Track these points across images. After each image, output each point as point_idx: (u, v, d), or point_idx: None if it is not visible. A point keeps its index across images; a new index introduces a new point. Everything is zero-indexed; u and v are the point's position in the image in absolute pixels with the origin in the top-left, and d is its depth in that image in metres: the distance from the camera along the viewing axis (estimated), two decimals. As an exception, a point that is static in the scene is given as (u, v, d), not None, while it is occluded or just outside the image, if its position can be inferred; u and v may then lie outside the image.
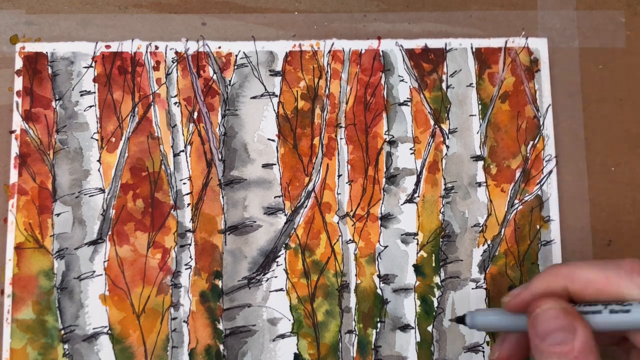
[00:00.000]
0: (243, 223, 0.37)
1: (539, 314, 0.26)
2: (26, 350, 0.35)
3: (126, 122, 0.38)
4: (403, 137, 0.39)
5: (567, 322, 0.26)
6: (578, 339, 0.25)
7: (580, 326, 0.25)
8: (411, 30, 0.40)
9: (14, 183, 0.37)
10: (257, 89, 0.39)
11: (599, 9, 0.41)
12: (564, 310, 0.26)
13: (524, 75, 0.39)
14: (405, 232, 0.38)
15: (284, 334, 0.37)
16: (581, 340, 0.25)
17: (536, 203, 0.38)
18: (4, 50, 0.38)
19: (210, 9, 0.39)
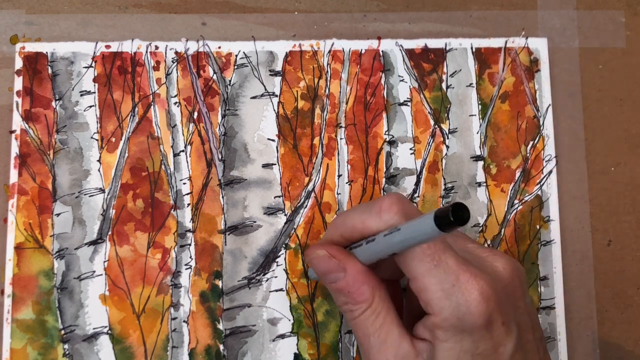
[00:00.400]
0: (243, 223, 0.38)
1: (311, 261, 0.31)
2: (26, 350, 0.35)
3: (126, 122, 0.38)
4: (403, 137, 0.39)
5: (332, 264, 0.30)
6: (348, 275, 0.30)
7: (349, 264, 0.30)
8: (411, 30, 0.40)
9: (14, 183, 0.37)
10: (257, 89, 0.39)
11: (599, 9, 0.41)
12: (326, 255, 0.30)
13: (524, 75, 0.39)
14: (405, 232, 0.38)
15: (284, 334, 0.37)
16: (350, 275, 0.30)
17: (536, 203, 0.38)
18: (4, 50, 0.38)
19: (210, 9, 0.39)
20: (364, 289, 0.29)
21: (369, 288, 0.29)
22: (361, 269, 0.30)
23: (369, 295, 0.29)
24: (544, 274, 0.38)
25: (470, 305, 0.27)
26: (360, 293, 0.29)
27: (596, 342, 0.38)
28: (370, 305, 0.29)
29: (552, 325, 0.37)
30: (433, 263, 0.27)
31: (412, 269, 0.28)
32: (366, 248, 0.29)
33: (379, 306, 0.29)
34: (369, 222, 0.29)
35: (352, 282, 0.29)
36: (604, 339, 0.38)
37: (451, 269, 0.27)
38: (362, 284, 0.29)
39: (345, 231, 0.30)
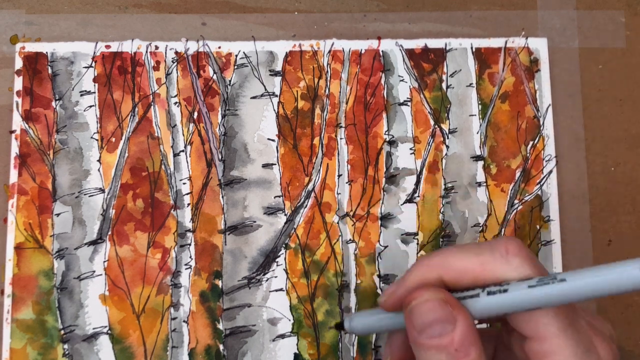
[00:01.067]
0: (243, 223, 0.37)
1: (414, 307, 0.24)
2: (26, 350, 0.35)
3: (126, 122, 0.38)
4: (403, 137, 0.39)
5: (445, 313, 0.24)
6: (458, 329, 0.23)
7: (460, 315, 0.24)
8: (411, 30, 0.40)
9: (14, 183, 0.37)
10: (257, 89, 0.39)
11: (599, 9, 0.41)
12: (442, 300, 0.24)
13: (524, 75, 0.39)
14: (405, 232, 0.38)
15: (284, 334, 0.37)
16: (461, 330, 0.23)
17: (536, 203, 0.38)
18: (4, 50, 0.38)
19: (210, 9, 0.39)
20: (472, 351, 0.23)
21: (477, 350, 0.23)
22: (472, 325, 0.24)
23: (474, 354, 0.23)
24: (544, 274, 0.38)
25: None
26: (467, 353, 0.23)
27: (596, 342, 0.38)
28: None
29: (552, 325, 0.37)
30: (567, 321, 0.23)
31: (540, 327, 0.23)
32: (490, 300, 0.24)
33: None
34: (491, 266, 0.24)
35: (461, 340, 0.23)
36: (604, 339, 0.38)
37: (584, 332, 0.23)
38: (471, 344, 0.23)
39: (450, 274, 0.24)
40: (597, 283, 0.22)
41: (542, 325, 0.23)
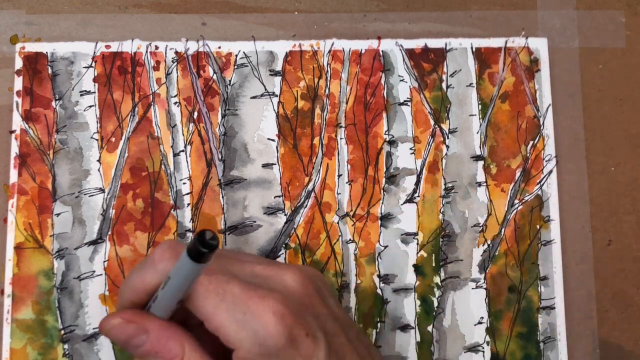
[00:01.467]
0: (243, 223, 0.37)
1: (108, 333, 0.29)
2: (26, 350, 0.35)
3: (126, 122, 0.38)
4: (403, 137, 0.39)
5: (132, 329, 0.28)
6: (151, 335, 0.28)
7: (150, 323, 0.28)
8: (411, 30, 0.40)
9: (13, 183, 0.37)
10: (257, 89, 0.39)
11: (599, 9, 0.41)
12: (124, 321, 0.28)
13: (524, 75, 0.39)
14: (405, 232, 0.38)
15: (284, 334, 0.37)
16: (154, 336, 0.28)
17: (536, 203, 0.38)
18: (4, 50, 0.38)
19: (210, 9, 0.39)
20: (171, 345, 0.28)
21: (177, 342, 0.28)
22: (164, 325, 0.28)
23: (178, 349, 0.28)
24: (544, 274, 0.38)
25: (267, 328, 0.26)
26: (167, 350, 0.28)
27: (596, 342, 0.38)
28: (182, 356, 0.28)
29: (552, 325, 0.37)
30: (218, 298, 0.27)
31: (200, 310, 0.27)
32: (156, 305, 0.28)
33: (191, 356, 0.28)
34: (147, 277, 0.28)
35: (157, 342, 0.28)
36: (604, 339, 0.38)
37: (238, 298, 0.27)
38: (167, 340, 0.28)
39: (132, 294, 0.29)
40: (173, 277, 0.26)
41: (201, 309, 0.27)
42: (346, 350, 0.29)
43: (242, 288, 0.27)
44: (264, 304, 0.27)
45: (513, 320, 0.37)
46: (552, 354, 0.37)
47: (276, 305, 0.27)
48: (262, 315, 0.27)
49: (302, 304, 0.28)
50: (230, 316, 0.27)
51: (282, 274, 0.29)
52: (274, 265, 0.30)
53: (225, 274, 0.28)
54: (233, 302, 0.27)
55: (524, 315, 0.37)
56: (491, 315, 0.37)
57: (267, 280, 0.29)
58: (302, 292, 0.29)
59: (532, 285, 0.38)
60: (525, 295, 0.38)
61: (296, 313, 0.27)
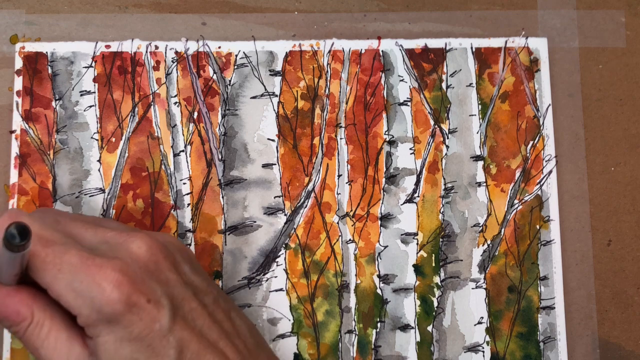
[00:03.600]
0: (243, 223, 0.38)
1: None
2: (26, 350, 0.35)
3: (126, 122, 0.38)
4: (403, 137, 0.39)
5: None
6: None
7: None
8: (411, 30, 0.40)
9: (14, 183, 0.37)
10: (257, 89, 0.39)
11: (599, 8, 0.41)
12: None
13: (524, 75, 0.39)
14: (405, 232, 0.38)
15: (284, 334, 0.37)
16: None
17: (536, 203, 0.38)
18: (4, 50, 0.38)
19: (210, 9, 0.39)
20: (18, 309, 0.28)
21: (24, 305, 0.28)
22: (8, 291, 0.29)
23: (26, 312, 0.28)
24: (544, 274, 0.38)
25: (103, 295, 0.27)
26: (15, 314, 0.28)
27: (596, 342, 0.38)
28: (31, 321, 0.28)
29: (552, 325, 0.37)
30: (56, 268, 0.27)
31: (40, 280, 0.28)
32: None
33: (40, 318, 0.28)
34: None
35: (3, 307, 0.28)
36: (604, 339, 0.38)
37: (76, 267, 0.27)
38: (15, 305, 0.28)
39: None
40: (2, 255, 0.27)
41: (41, 279, 0.28)
42: (196, 314, 0.29)
43: (80, 258, 0.28)
44: (101, 272, 0.27)
45: (513, 320, 0.37)
46: (552, 354, 0.37)
47: (113, 273, 0.27)
48: (98, 283, 0.27)
49: (146, 271, 0.29)
50: (67, 285, 0.27)
51: (130, 241, 0.29)
52: (125, 232, 0.30)
53: (65, 244, 0.28)
54: (70, 272, 0.27)
55: (524, 315, 0.37)
56: (491, 315, 0.37)
57: (114, 247, 0.29)
58: (147, 259, 0.29)
59: (532, 285, 0.38)
60: (525, 295, 0.38)
61: (137, 280, 0.28)
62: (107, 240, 0.30)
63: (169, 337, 0.28)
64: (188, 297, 0.30)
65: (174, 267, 0.30)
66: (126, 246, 0.29)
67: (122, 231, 0.30)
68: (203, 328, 0.29)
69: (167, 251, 0.30)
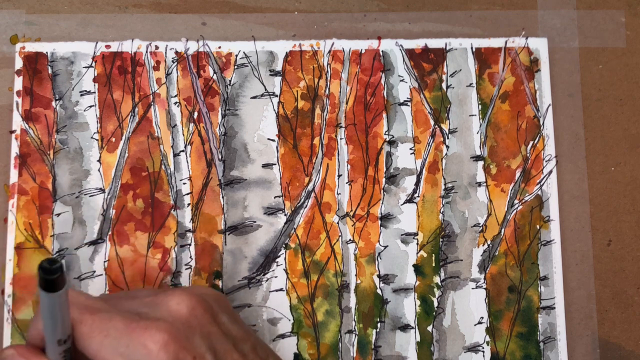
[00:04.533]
0: (243, 223, 0.38)
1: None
2: None
3: (126, 122, 0.38)
4: (403, 137, 0.39)
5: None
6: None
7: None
8: (411, 30, 0.40)
9: (14, 183, 0.37)
10: (257, 89, 0.39)
11: (599, 8, 0.41)
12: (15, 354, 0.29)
13: (524, 75, 0.39)
14: (405, 232, 0.38)
15: (284, 334, 0.37)
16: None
17: (536, 203, 0.38)
18: (4, 50, 0.38)
19: (210, 9, 0.39)
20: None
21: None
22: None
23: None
24: (544, 274, 0.38)
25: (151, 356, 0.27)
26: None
27: (596, 342, 0.38)
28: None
29: (552, 325, 0.37)
30: (103, 335, 0.28)
31: (87, 349, 0.28)
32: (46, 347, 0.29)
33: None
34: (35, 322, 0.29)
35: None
36: (604, 339, 0.38)
37: (122, 331, 0.28)
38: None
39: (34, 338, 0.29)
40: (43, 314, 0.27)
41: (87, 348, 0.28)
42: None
43: (125, 322, 0.28)
44: (147, 334, 0.28)
45: (513, 320, 0.37)
46: (552, 354, 0.37)
47: (158, 334, 0.28)
48: (145, 345, 0.27)
49: (189, 327, 0.29)
50: (114, 350, 0.27)
51: (168, 300, 0.30)
52: (162, 293, 0.31)
53: (109, 311, 0.29)
54: (116, 337, 0.28)
55: (524, 315, 0.37)
56: (491, 315, 0.37)
57: (154, 308, 0.30)
58: (188, 315, 0.29)
59: (532, 285, 0.38)
60: (525, 295, 0.38)
61: (181, 338, 0.28)
62: (146, 304, 0.30)
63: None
64: (230, 348, 0.30)
65: (213, 319, 0.30)
66: (166, 306, 0.30)
67: (158, 293, 0.31)
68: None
69: (206, 304, 0.30)
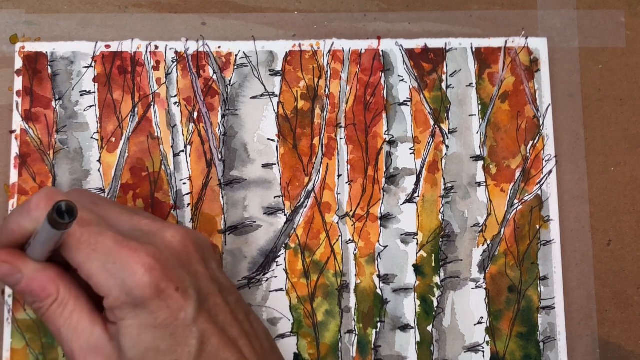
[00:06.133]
0: (243, 223, 0.38)
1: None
2: (26, 350, 0.35)
3: (126, 122, 0.38)
4: (403, 137, 0.39)
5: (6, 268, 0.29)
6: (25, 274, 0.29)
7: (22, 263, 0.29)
8: (411, 30, 0.40)
9: (14, 183, 0.37)
10: (257, 89, 0.39)
11: (599, 8, 0.41)
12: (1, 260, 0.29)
13: (523, 75, 0.39)
14: (405, 232, 0.38)
15: (284, 334, 0.37)
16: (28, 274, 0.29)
17: (536, 203, 0.38)
18: (4, 50, 0.38)
19: (210, 9, 0.39)
20: (45, 285, 0.29)
21: (51, 282, 0.29)
22: (38, 267, 0.29)
23: (53, 289, 0.29)
24: (544, 274, 0.38)
25: (135, 278, 0.27)
26: (41, 289, 0.29)
27: (596, 342, 0.38)
28: (56, 298, 0.29)
29: (552, 325, 0.37)
30: (91, 248, 0.28)
31: (73, 259, 0.28)
32: (31, 249, 0.30)
33: (65, 297, 0.29)
34: (22, 223, 0.29)
35: (31, 282, 0.29)
36: (604, 339, 0.38)
37: (110, 249, 0.28)
38: (42, 281, 0.29)
39: (9, 237, 0.30)
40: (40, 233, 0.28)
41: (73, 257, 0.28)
42: (220, 310, 0.30)
43: (115, 240, 0.28)
44: (134, 255, 0.28)
45: (513, 320, 0.37)
46: (552, 354, 0.37)
47: (146, 257, 0.28)
48: (131, 266, 0.28)
49: (178, 260, 0.29)
50: (100, 265, 0.28)
51: (164, 230, 0.30)
52: (159, 222, 0.31)
53: (100, 225, 0.29)
54: (104, 253, 0.28)
55: (523, 315, 0.37)
56: (491, 315, 0.37)
57: (148, 234, 0.30)
58: (179, 249, 0.30)
59: (532, 285, 0.38)
60: (525, 295, 0.38)
61: (168, 266, 0.28)
62: (141, 228, 0.30)
63: (192, 328, 0.28)
64: (214, 292, 0.30)
65: (203, 261, 0.31)
66: (160, 234, 0.30)
67: (156, 221, 0.31)
68: (225, 324, 0.30)
69: (197, 245, 0.31)
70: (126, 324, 0.28)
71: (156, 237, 0.30)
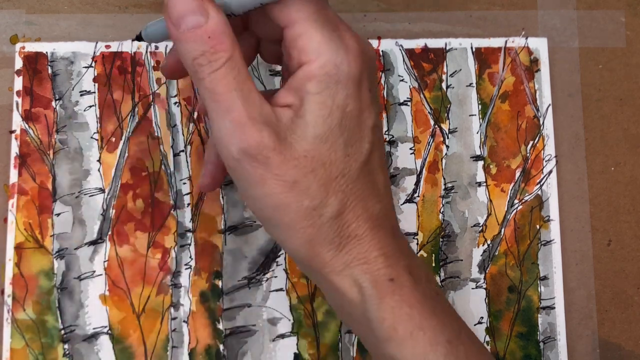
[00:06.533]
0: (243, 223, 0.38)
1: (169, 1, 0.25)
2: (26, 350, 0.35)
3: (126, 122, 0.38)
4: (403, 137, 0.39)
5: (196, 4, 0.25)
6: (211, 20, 0.25)
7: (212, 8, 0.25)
8: (411, 30, 0.40)
9: (14, 183, 0.37)
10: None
11: (599, 8, 0.41)
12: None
13: (524, 75, 0.39)
14: (405, 231, 0.38)
15: (284, 334, 0.37)
16: (214, 21, 0.25)
17: (536, 203, 0.38)
18: (4, 50, 0.38)
19: (210, 9, 0.39)
20: (225, 39, 0.25)
21: (231, 39, 0.25)
22: (225, 20, 0.25)
23: (230, 46, 0.25)
24: (544, 274, 0.38)
25: (349, 52, 0.25)
26: (221, 41, 0.25)
27: (596, 342, 0.38)
28: (231, 56, 0.25)
29: (552, 325, 0.37)
30: (316, 8, 0.26)
31: (291, 13, 0.25)
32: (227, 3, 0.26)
33: (239, 62, 0.25)
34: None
35: (214, 29, 0.25)
36: (604, 339, 0.38)
37: (332, 19, 0.26)
38: (224, 34, 0.25)
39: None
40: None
41: (294, 12, 0.25)
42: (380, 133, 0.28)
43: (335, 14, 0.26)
44: (352, 33, 0.26)
45: (513, 320, 0.37)
46: (552, 354, 0.37)
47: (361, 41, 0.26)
48: (349, 40, 0.26)
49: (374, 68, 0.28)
50: (319, 27, 0.25)
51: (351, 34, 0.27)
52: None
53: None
54: (326, 19, 0.26)
55: (523, 315, 0.37)
56: (491, 315, 0.37)
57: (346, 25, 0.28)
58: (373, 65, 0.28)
59: (532, 285, 0.38)
60: (525, 295, 0.38)
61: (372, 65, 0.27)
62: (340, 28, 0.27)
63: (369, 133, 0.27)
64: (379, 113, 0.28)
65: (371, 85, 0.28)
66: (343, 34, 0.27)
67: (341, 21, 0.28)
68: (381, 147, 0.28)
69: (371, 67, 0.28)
70: (318, 99, 0.25)
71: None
